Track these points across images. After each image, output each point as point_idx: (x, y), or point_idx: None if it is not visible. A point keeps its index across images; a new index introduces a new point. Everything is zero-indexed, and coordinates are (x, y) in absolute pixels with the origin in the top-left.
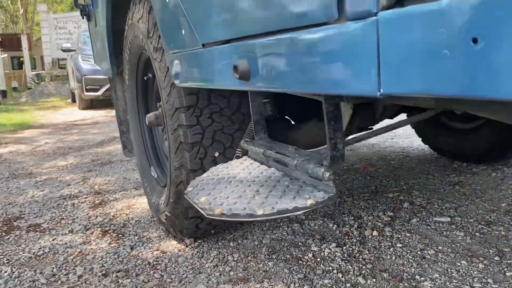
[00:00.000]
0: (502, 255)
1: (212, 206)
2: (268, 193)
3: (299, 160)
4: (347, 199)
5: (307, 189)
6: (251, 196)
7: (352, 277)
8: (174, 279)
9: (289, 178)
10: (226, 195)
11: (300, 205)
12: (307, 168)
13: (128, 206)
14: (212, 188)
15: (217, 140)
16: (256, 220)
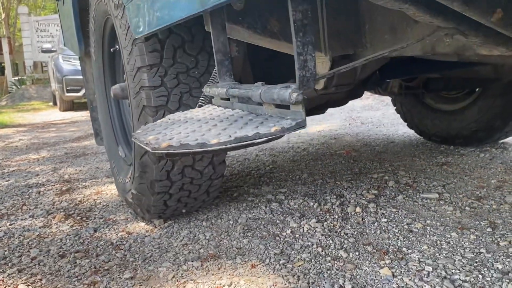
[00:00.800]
0: (494, 227)
1: (160, 141)
2: (228, 126)
3: (264, 89)
4: (329, 181)
5: (273, 119)
6: (206, 129)
7: (333, 251)
8: (137, 258)
9: (254, 114)
10: (179, 132)
11: (263, 132)
12: (272, 94)
13: (97, 192)
14: (164, 128)
15: (185, 104)
16: (209, 150)
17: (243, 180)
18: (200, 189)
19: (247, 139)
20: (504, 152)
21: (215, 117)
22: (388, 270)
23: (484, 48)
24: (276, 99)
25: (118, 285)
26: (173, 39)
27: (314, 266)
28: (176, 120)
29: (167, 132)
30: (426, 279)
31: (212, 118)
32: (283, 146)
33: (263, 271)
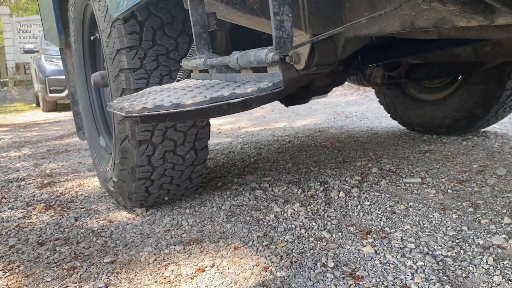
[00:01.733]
0: (476, 207)
1: (134, 105)
2: (204, 91)
3: (240, 53)
4: (313, 169)
5: (250, 82)
6: (182, 94)
7: (316, 232)
8: (118, 244)
9: (232, 82)
10: (154, 98)
11: (239, 92)
12: (249, 56)
13: (78, 184)
14: (140, 97)
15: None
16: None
17: (227, 170)
18: (182, 175)
19: (223, 99)
20: (485, 140)
21: (192, 86)
22: (371, 248)
23: (463, 18)
24: (253, 61)
25: (99, 269)
26: (152, 20)
27: (297, 247)
28: (152, 91)
29: (143, 99)
30: (408, 255)
31: (189, 86)
32: (268, 139)
33: (246, 253)
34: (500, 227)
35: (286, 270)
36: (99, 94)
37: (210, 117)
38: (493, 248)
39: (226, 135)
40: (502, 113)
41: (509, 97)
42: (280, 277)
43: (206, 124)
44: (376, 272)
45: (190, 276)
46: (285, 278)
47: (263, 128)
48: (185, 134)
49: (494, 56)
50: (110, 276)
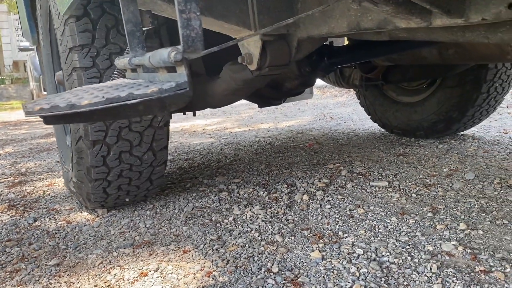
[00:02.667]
0: (436, 212)
1: (35, 105)
2: (111, 91)
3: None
4: (285, 171)
5: (157, 83)
6: (89, 94)
7: (269, 236)
8: (69, 246)
9: (148, 81)
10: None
11: (137, 93)
12: (156, 56)
13: (49, 184)
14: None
15: None
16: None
17: (200, 172)
18: (141, 177)
19: (119, 100)
20: (462, 144)
21: (113, 86)
22: (318, 253)
23: (402, 19)
24: (159, 60)
25: (42, 272)
26: (106, 19)
27: (246, 251)
28: (76, 90)
29: (55, 99)
30: (354, 261)
31: (110, 86)
32: (250, 140)
33: (194, 256)
34: (453, 233)
35: (229, 275)
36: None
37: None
38: (441, 255)
39: (209, 136)
40: (479, 117)
41: (485, 100)
42: (221, 283)
43: (164, 125)
44: (318, 279)
45: (132, 280)
46: (226, 283)
47: (247, 129)
48: (141, 135)
49: (458, 58)
50: (51, 279)
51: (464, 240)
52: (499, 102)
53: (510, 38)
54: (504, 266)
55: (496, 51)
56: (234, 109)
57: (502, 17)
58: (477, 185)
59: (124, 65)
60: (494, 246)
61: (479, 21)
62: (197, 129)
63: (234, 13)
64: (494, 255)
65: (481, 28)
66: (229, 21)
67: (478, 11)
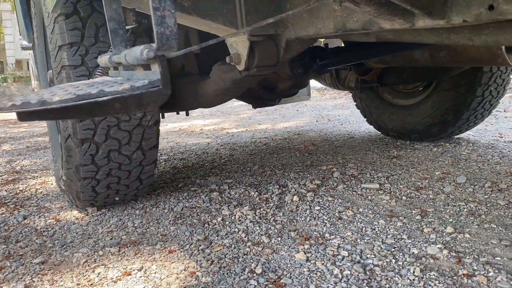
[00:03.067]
0: (424, 215)
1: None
2: (86, 88)
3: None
4: (277, 172)
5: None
6: (64, 90)
7: (256, 237)
8: (56, 244)
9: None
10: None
11: (108, 90)
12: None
13: (42, 182)
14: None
15: None
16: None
17: (193, 171)
18: (130, 176)
19: (90, 97)
20: (456, 147)
21: (89, 83)
22: (303, 254)
23: (386, 21)
24: (134, 58)
25: (26, 270)
26: (96, 17)
27: (232, 251)
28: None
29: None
30: (338, 263)
31: (85, 84)
32: (246, 141)
33: (179, 256)
34: (440, 236)
35: (212, 275)
36: None
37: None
38: (425, 258)
39: (206, 136)
40: (473, 120)
41: (480, 104)
42: (204, 283)
43: (153, 124)
44: (300, 280)
45: (115, 279)
46: (209, 284)
47: (245, 130)
48: (130, 134)
49: (450, 61)
50: (35, 278)
51: (450, 243)
52: (494, 106)
53: (494, 41)
54: (488, 270)
55: (486, 54)
56: (233, 110)
57: (483, 19)
58: (468, 189)
59: (105, 63)
60: (479, 250)
61: (460, 22)
62: (195, 129)
63: (222, 12)
64: (479, 259)
65: (465, 30)
66: (216, 21)
67: (459, 13)
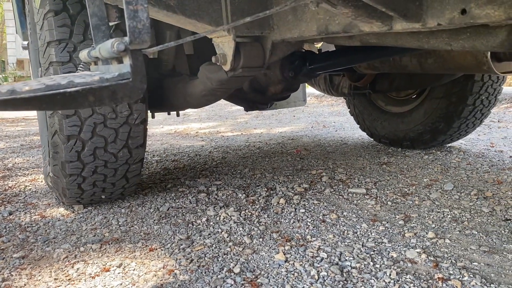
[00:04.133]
0: (407, 220)
1: None
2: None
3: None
4: (267, 175)
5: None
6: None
7: (238, 237)
8: (39, 240)
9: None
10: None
11: (78, 81)
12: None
13: (32, 179)
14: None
15: None
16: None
17: (183, 173)
18: (116, 174)
19: (59, 87)
20: (447, 155)
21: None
22: (282, 255)
23: (364, 23)
24: (106, 51)
25: (6, 264)
26: (84, 14)
27: (212, 251)
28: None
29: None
30: (316, 264)
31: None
32: (240, 144)
33: (159, 254)
34: (421, 241)
35: (190, 274)
36: None
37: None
38: (403, 262)
39: (201, 139)
40: (465, 129)
41: (471, 112)
42: (181, 281)
43: (140, 122)
44: (277, 280)
45: (93, 275)
46: (186, 282)
47: (240, 134)
48: (116, 132)
49: (437, 68)
50: (13, 272)
51: (429, 248)
52: (486, 116)
53: (471, 46)
54: (463, 275)
55: (472, 61)
56: (231, 114)
57: (456, 23)
58: (454, 196)
59: (84, 58)
60: (457, 255)
61: (435, 26)
62: (190, 132)
63: (207, 12)
64: (456, 264)
65: (444, 35)
66: (201, 20)
67: (434, 16)
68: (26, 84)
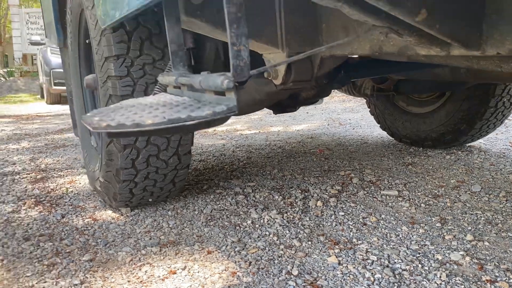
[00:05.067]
0: (444, 222)
1: (100, 121)
2: (167, 110)
3: (203, 77)
4: (297, 176)
5: (209, 105)
6: (147, 112)
7: (287, 240)
8: (99, 243)
9: (197, 101)
10: (122, 114)
11: (195, 115)
12: (208, 81)
13: (70, 181)
14: (112, 112)
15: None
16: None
17: (215, 174)
18: (165, 179)
19: (179, 121)
20: (468, 155)
21: (161, 103)
22: (335, 258)
23: (422, 48)
24: (211, 85)
25: (77, 266)
26: (140, 31)
27: (267, 254)
28: (125, 105)
29: (112, 114)
30: (369, 267)
31: (158, 103)
32: (261, 143)
33: (218, 257)
34: (461, 243)
35: (252, 276)
36: (93, 95)
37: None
38: (449, 264)
39: (221, 137)
40: (486, 130)
41: (492, 114)
42: (246, 283)
43: None
44: (335, 282)
45: (162, 277)
46: (250, 283)
47: (257, 132)
48: (168, 140)
49: (470, 78)
50: (87, 274)
51: (471, 250)
52: (506, 116)
53: None
54: (509, 277)
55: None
56: None
57: None
58: (483, 198)
59: (169, 82)
60: (499, 258)
61: (494, 54)
62: (208, 130)
63: (264, 32)
64: (499, 266)
65: (495, 58)
66: (259, 40)
67: (494, 46)
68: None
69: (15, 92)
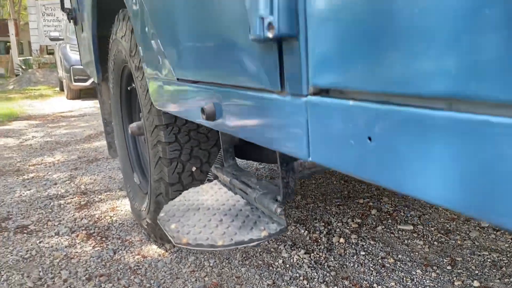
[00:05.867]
0: (454, 264)
1: (180, 235)
2: (230, 223)
3: (258, 194)
4: (320, 204)
5: (263, 220)
6: (214, 225)
7: (316, 284)
8: (153, 284)
9: (250, 207)
10: (193, 223)
11: (255, 237)
12: (263, 202)
13: (112, 208)
14: (182, 215)
15: (195, 156)
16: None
17: None
18: None
19: (243, 243)
20: None
21: (220, 207)
22: None
23: None
24: (265, 207)
25: None
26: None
27: None
28: (190, 204)
29: (184, 221)
30: None
31: (218, 208)
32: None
33: None
34: None
35: None
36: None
37: None
38: None
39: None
40: None
41: None
42: None
43: None
44: None
45: None
46: None
47: None
48: None
49: None
50: None
51: None
52: None
53: None
54: None
55: None
56: None
57: None
58: (490, 235)
59: (223, 179)
60: None
61: None
62: None
63: None
64: None
65: None
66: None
67: None
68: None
69: (34, 85)
